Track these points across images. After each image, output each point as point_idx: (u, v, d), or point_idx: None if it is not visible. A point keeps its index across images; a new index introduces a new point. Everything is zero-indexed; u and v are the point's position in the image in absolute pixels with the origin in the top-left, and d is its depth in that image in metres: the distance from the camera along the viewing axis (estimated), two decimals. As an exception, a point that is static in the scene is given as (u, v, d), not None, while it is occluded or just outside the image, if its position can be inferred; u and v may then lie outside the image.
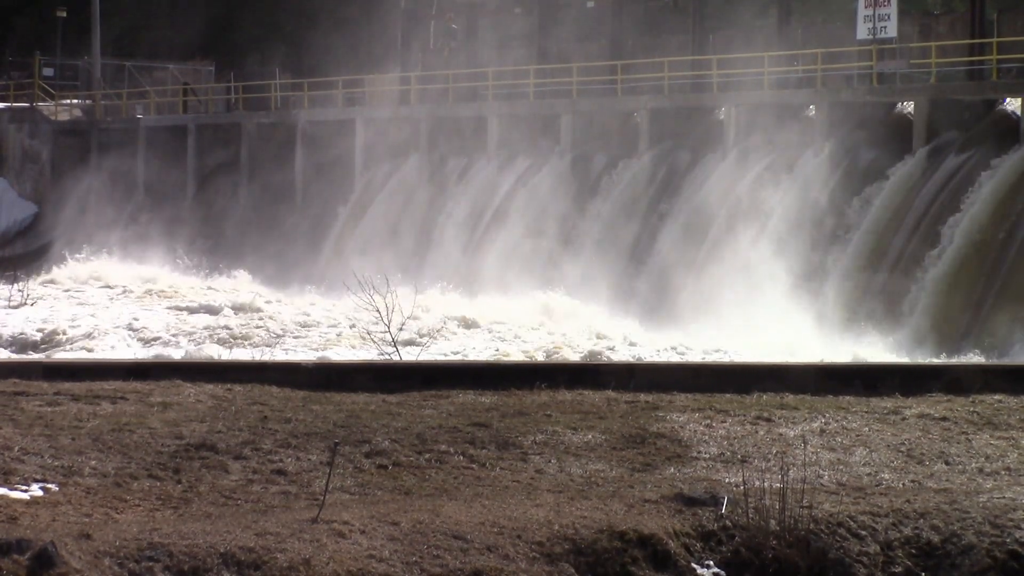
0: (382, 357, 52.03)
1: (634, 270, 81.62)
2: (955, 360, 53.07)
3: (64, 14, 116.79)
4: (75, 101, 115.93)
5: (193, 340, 73.74)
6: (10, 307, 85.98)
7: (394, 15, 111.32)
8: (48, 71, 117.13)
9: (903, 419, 34.76)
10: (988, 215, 67.99)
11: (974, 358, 56.35)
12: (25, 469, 31.02)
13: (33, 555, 27.13)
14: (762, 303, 69.24)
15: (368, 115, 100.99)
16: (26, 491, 30.37)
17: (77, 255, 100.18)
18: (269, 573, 27.83)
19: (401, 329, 60.42)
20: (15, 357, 55.88)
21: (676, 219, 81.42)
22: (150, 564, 27.60)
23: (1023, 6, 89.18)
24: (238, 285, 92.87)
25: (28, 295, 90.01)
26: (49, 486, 30.52)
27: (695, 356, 63.49)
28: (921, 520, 30.23)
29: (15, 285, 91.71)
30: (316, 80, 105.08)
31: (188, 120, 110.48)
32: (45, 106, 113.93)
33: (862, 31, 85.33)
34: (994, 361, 52.69)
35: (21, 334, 74.03)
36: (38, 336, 73.16)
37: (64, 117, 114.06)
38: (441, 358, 56.16)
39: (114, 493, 30.59)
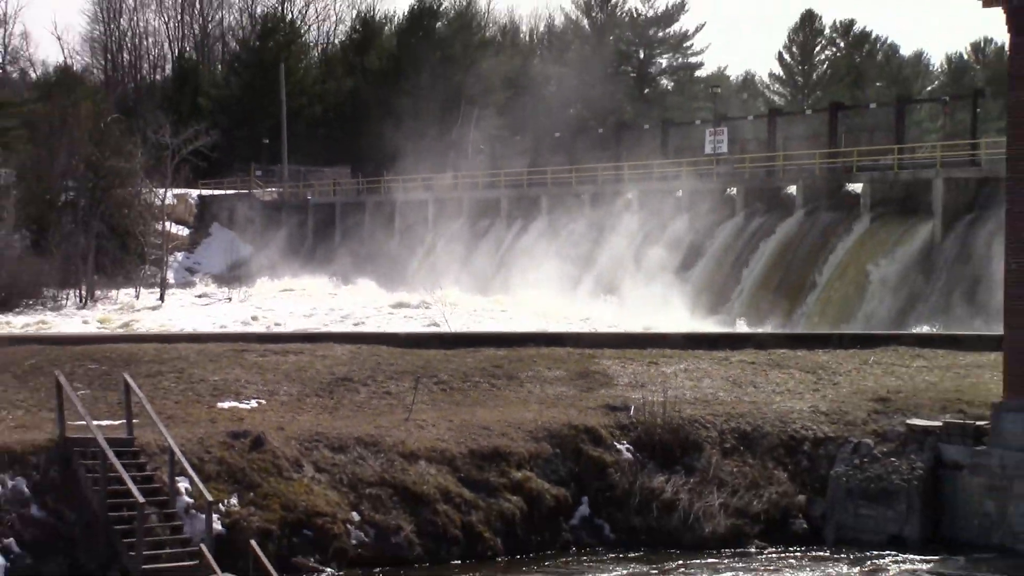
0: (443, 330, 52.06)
1: (578, 277, 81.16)
2: (760, 330, 53.12)
3: (267, 141, 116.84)
4: (272, 189, 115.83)
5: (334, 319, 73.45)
6: (230, 302, 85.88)
7: (447, 140, 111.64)
8: (258, 172, 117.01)
9: (731, 363, 34.83)
10: (841, 261, 65.97)
11: (770, 329, 56.31)
12: (247, 392, 31.16)
13: (252, 439, 27.29)
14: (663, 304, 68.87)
15: (435, 198, 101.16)
16: (247, 404, 30.60)
17: (271, 276, 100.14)
18: (382, 448, 28.03)
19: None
20: (240, 330, 55.91)
21: (598, 262, 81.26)
22: (316, 443, 27.81)
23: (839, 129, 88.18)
24: (362, 288, 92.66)
25: (246, 296, 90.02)
26: (261, 401, 30.69)
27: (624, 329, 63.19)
28: (740, 418, 30.42)
29: (238, 290, 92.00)
30: (406, 177, 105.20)
31: (336, 200, 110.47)
32: (257, 192, 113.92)
33: (708, 148, 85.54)
34: (780, 331, 52.79)
35: (248, 318, 73.66)
36: (249, 318, 72.67)
37: (267, 198, 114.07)
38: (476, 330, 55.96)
39: (296, 405, 30.70)
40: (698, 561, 25.99)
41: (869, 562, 26.08)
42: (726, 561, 26.16)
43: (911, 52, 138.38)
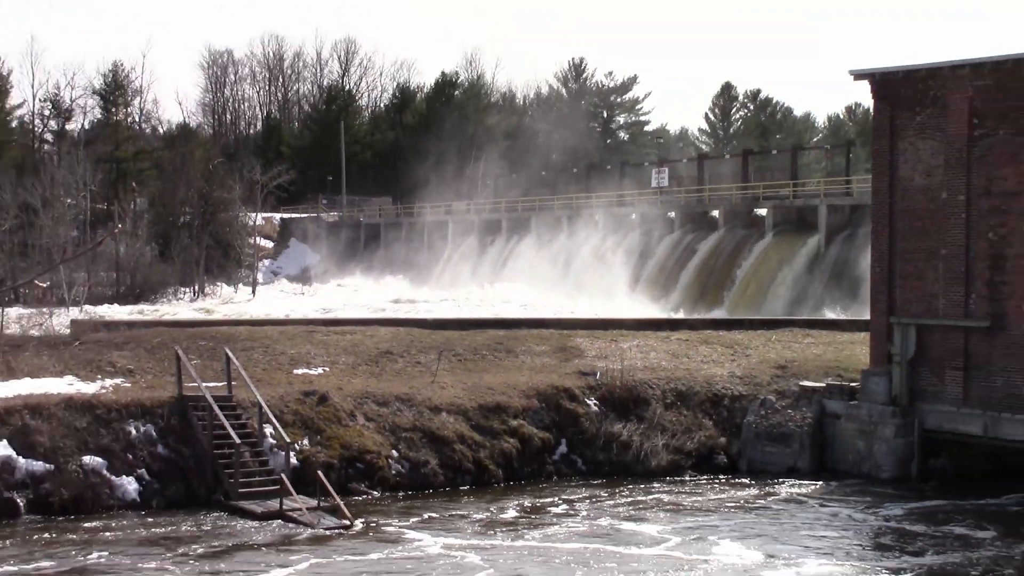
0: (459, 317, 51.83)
1: (559, 277, 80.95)
2: (692, 316, 52.95)
3: (331, 178, 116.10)
4: (334, 213, 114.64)
5: (375, 309, 72.96)
6: (303, 295, 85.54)
7: (462, 177, 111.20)
8: (323, 201, 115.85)
9: (670, 340, 34.64)
10: (751, 265, 65.41)
11: (699, 315, 56.16)
12: (315, 361, 31.07)
13: (319, 396, 27.16)
14: (622, 297, 68.71)
15: (454, 219, 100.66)
16: (315, 371, 30.47)
17: (331, 276, 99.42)
18: (414, 403, 27.84)
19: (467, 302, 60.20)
20: (309, 316, 55.63)
21: (572, 266, 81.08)
22: (366, 399, 27.64)
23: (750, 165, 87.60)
24: (396, 283, 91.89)
25: (314, 292, 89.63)
26: (325, 368, 30.56)
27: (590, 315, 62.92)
28: (677, 381, 30.26)
29: (307, 287, 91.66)
30: (432, 204, 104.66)
31: (380, 221, 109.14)
32: (323, 215, 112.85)
33: (654, 182, 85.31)
34: (707, 316, 52.64)
35: (309, 310, 73.16)
36: (318, 307, 72.21)
37: (330, 220, 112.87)
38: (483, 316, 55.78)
39: (351, 372, 30.61)
40: (644, 486, 25.95)
41: (771, 486, 26.08)
42: (667, 486, 26.08)
43: (802, 112, 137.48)
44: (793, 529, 22.05)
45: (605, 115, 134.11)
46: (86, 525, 21.97)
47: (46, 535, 21.27)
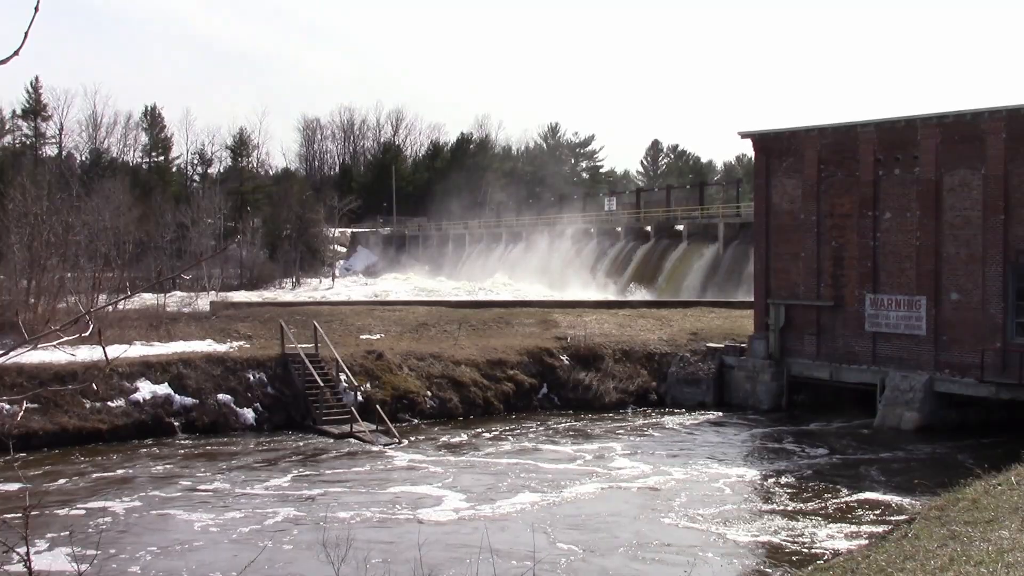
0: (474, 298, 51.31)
1: (541, 272, 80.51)
2: (632, 297, 52.67)
3: (385, 204, 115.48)
4: (387, 228, 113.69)
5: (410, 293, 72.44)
6: (365, 285, 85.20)
7: (475, 202, 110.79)
8: (380, 219, 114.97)
9: (618, 315, 34.39)
10: (673, 263, 66.10)
11: (636, 297, 55.91)
12: (374, 329, 30.84)
13: (377, 354, 27.06)
14: (585, 286, 68.36)
15: (471, 232, 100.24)
16: (374, 336, 30.32)
17: (384, 272, 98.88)
18: (442, 358, 27.65)
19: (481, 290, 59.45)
20: (367, 298, 55.17)
21: (551, 264, 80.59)
22: (409, 356, 27.47)
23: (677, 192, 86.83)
24: (429, 276, 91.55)
25: (373, 282, 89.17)
26: (381, 335, 30.40)
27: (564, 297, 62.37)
28: (623, 343, 30.09)
29: (368, 279, 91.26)
30: (455, 222, 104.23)
31: (419, 233, 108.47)
32: (380, 229, 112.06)
33: (606, 207, 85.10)
34: (643, 298, 52.46)
35: (369, 294, 72.66)
36: (376, 292, 71.74)
37: (385, 232, 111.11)
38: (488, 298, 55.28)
39: (399, 337, 30.41)
40: (597, 416, 25.85)
41: (688, 414, 26.05)
42: (616, 415, 26.03)
43: (707, 159, 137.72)
44: (684, 446, 21.83)
45: (572, 161, 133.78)
46: (220, 440, 21.99)
47: (195, 450, 21.28)
